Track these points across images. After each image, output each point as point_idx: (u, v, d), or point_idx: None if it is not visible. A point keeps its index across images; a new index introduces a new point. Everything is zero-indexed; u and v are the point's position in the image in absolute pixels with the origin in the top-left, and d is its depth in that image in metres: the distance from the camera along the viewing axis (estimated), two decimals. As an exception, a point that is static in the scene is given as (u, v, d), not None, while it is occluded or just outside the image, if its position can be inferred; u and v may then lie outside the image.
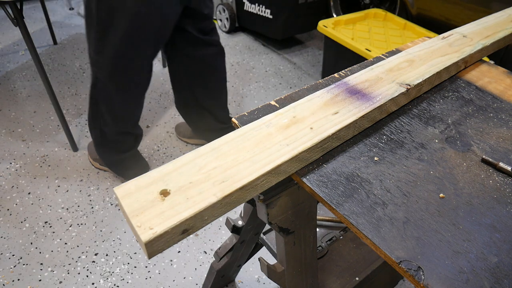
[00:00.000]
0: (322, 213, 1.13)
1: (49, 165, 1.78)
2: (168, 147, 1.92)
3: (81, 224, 1.53)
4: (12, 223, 1.52)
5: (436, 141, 0.61)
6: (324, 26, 2.13)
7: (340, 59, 2.17)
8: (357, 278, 0.99)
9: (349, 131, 0.59)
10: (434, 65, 0.72)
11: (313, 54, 2.79)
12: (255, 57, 2.68)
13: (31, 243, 1.45)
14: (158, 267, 1.39)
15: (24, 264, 1.38)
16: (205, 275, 1.18)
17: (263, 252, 1.13)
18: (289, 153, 0.52)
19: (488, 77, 0.78)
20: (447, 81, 0.76)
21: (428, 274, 0.42)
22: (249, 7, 2.69)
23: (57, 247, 1.44)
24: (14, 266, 1.37)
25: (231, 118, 1.76)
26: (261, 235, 1.05)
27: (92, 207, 1.60)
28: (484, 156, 0.58)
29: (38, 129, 1.99)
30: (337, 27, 2.20)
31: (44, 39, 2.80)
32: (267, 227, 1.06)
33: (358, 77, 0.69)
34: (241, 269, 1.34)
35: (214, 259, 1.10)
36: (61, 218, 1.55)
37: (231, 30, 2.92)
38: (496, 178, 0.55)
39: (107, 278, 1.35)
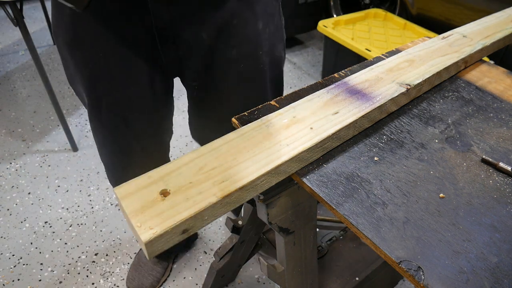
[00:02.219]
0: (322, 213, 1.13)
1: (49, 165, 1.78)
2: (168, 147, 1.92)
3: (81, 224, 1.53)
4: (12, 223, 1.52)
5: (436, 141, 0.61)
6: (324, 26, 2.13)
7: (340, 59, 2.17)
8: (357, 278, 0.99)
9: (349, 131, 0.59)
10: (434, 65, 0.72)
11: (313, 54, 2.79)
12: (255, 57, 2.68)
13: (31, 243, 1.45)
14: (158, 267, 1.39)
15: (24, 264, 1.38)
16: (205, 275, 1.18)
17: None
18: (289, 153, 0.52)
19: (488, 77, 0.78)
20: (447, 81, 0.76)
21: (428, 274, 0.42)
22: (249, 7, 2.69)
23: (57, 247, 1.44)
24: (14, 266, 1.37)
25: None
26: (261, 235, 1.05)
27: (92, 207, 1.60)
28: (484, 156, 0.58)
29: (38, 129, 1.99)
30: (337, 27, 2.20)
31: (44, 39, 2.80)
32: (267, 227, 1.06)
33: (358, 77, 0.69)
34: (241, 269, 1.34)
35: (214, 259, 1.10)
36: (61, 218, 1.55)
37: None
38: (496, 178, 0.55)
39: (107, 278, 1.35)
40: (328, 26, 2.13)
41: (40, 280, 1.33)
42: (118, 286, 1.33)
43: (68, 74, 0.86)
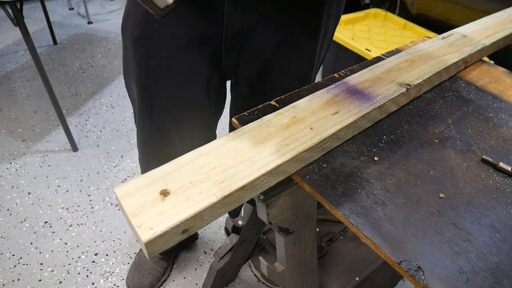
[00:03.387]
0: (322, 213, 1.13)
1: (49, 165, 1.78)
2: (168, 147, 1.92)
3: (81, 224, 1.53)
4: (12, 223, 1.52)
5: (436, 141, 0.61)
6: (324, 26, 2.13)
7: (340, 59, 2.17)
8: (357, 278, 0.99)
9: (349, 131, 0.59)
10: (434, 65, 0.72)
11: (313, 54, 2.79)
12: (255, 57, 2.67)
13: (31, 243, 1.45)
14: (158, 267, 1.39)
15: (24, 264, 1.38)
16: (205, 275, 1.18)
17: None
18: (289, 153, 0.52)
19: (488, 77, 0.78)
20: (447, 81, 0.76)
21: (428, 274, 0.42)
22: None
23: (57, 247, 1.44)
24: (14, 266, 1.37)
25: None
26: (261, 235, 1.05)
27: (92, 207, 1.60)
28: (484, 156, 0.58)
29: (38, 129, 1.99)
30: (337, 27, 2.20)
31: (44, 39, 2.80)
32: (267, 227, 1.06)
33: (358, 77, 0.69)
34: (241, 269, 1.34)
35: (214, 259, 1.10)
36: (61, 218, 1.55)
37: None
38: (496, 178, 0.55)
39: (107, 278, 1.35)
40: (328, 26, 2.13)
41: (40, 280, 1.33)
42: (118, 286, 1.33)
43: (126, 67, 0.88)
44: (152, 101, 0.86)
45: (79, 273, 1.36)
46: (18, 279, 1.33)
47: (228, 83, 0.92)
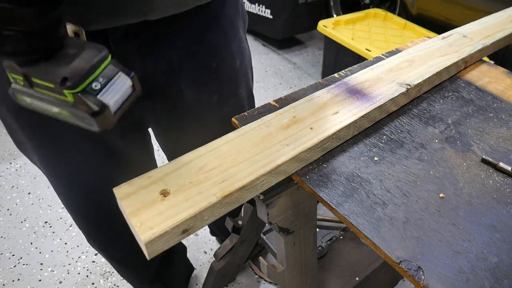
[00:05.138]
0: (322, 213, 1.13)
1: (49, 165, 1.78)
2: (168, 147, 1.92)
3: (81, 224, 1.53)
4: (12, 223, 1.52)
5: (436, 141, 0.61)
6: (324, 26, 2.13)
7: (340, 59, 2.17)
8: (357, 278, 0.99)
9: (349, 131, 0.59)
10: (434, 65, 0.72)
11: (313, 54, 2.79)
12: (255, 57, 2.68)
13: (31, 243, 1.45)
14: (158, 267, 1.39)
15: (24, 264, 1.38)
16: (205, 275, 1.18)
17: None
18: (289, 153, 0.52)
19: (488, 77, 0.78)
20: (447, 81, 0.76)
21: (428, 274, 0.42)
22: (249, 7, 2.69)
23: (57, 247, 1.44)
24: (14, 266, 1.37)
25: None
26: (261, 235, 1.05)
27: (92, 207, 1.60)
28: (484, 156, 0.58)
29: (38, 129, 1.99)
30: (337, 27, 2.20)
31: (44, 39, 2.80)
32: (267, 227, 1.06)
33: (358, 77, 0.69)
34: (241, 269, 1.34)
35: (214, 259, 1.10)
36: (61, 218, 1.55)
37: (231, 30, 2.92)
38: (496, 178, 0.55)
39: (107, 278, 1.35)
40: (328, 26, 2.13)
41: (40, 280, 1.33)
42: (118, 286, 1.33)
43: (18, 142, 0.73)
44: (65, 170, 0.74)
45: (79, 273, 1.36)
46: (18, 279, 1.33)
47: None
